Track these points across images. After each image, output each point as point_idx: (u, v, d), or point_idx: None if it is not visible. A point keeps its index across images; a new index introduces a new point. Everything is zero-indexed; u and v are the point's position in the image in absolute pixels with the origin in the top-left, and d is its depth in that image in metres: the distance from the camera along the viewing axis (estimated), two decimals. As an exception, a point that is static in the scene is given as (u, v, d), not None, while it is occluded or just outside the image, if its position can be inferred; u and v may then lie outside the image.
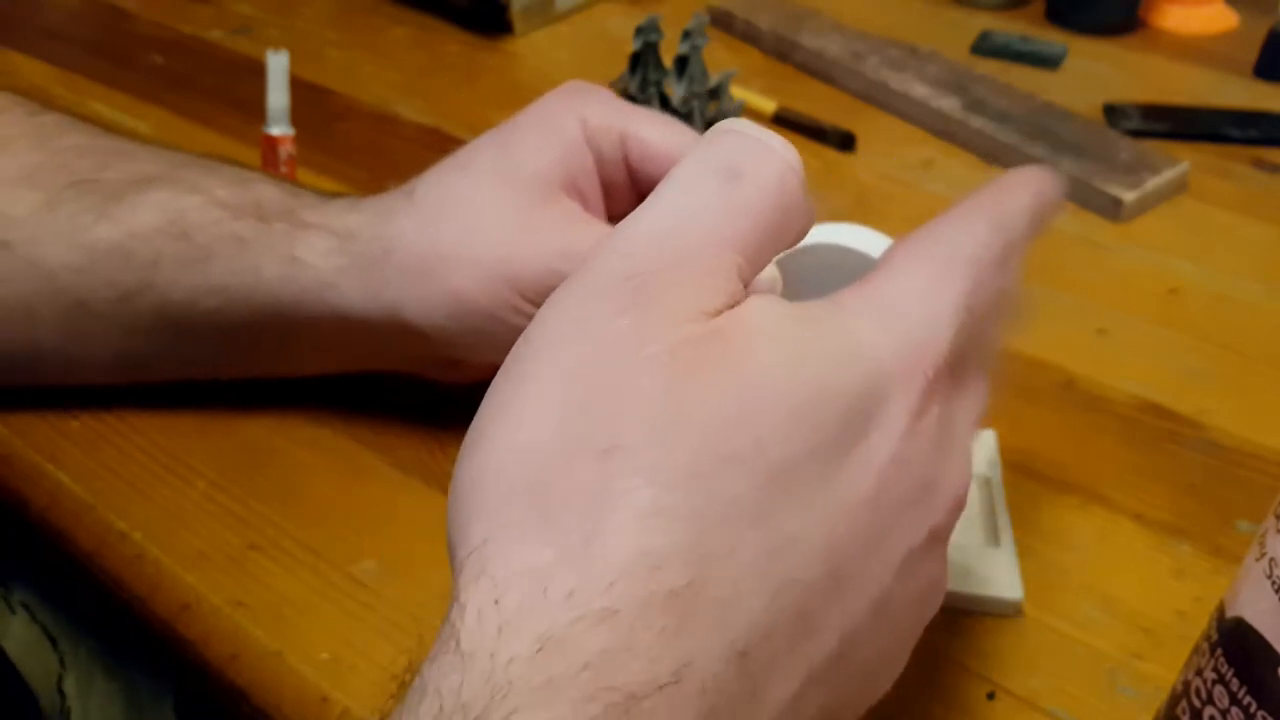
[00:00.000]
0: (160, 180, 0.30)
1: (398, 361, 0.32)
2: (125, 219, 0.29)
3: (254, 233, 0.29)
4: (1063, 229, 0.44)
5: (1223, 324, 0.38)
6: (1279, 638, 0.18)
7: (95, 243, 0.29)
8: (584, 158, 0.29)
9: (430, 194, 0.29)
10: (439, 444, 0.33)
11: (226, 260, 0.29)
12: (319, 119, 0.50)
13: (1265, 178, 0.48)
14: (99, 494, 0.31)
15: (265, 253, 0.29)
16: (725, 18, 0.59)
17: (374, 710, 0.25)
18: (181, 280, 0.29)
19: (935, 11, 0.62)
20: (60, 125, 0.32)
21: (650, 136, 0.29)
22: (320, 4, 0.62)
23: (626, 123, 0.29)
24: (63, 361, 0.31)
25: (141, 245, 0.29)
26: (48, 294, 0.29)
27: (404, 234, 0.28)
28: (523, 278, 0.27)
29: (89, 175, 0.30)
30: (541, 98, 0.30)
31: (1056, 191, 0.22)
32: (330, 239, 0.29)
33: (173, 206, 0.29)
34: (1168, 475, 0.32)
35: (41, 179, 0.30)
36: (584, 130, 0.29)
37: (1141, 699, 0.26)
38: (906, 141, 0.50)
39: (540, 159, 0.28)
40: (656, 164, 0.29)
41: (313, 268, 0.28)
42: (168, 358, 0.31)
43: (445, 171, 0.29)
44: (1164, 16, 0.61)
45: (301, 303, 0.29)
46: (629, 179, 0.30)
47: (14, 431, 0.33)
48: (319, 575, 0.28)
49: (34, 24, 0.58)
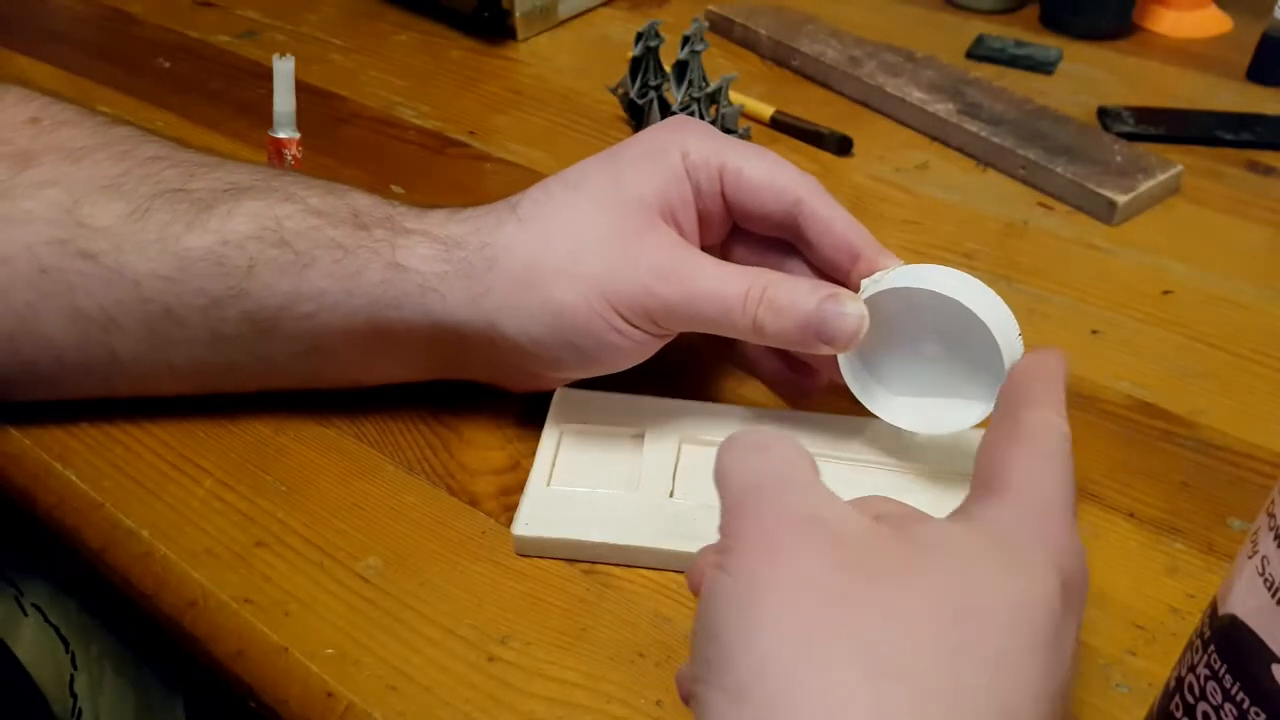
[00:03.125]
0: (253, 190, 0.30)
1: (482, 371, 0.32)
2: (218, 227, 0.29)
3: (354, 239, 0.29)
4: (1057, 231, 0.44)
5: (1216, 325, 0.39)
6: (1271, 634, 0.19)
7: (186, 250, 0.29)
8: (684, 187, 0.30)
9: (539, 209, 0.29)
10: (443, 443, 0.33)
11: (327, 265, 0.29)
12: (324, 123, 0.50)
13: (1258, 180, 0.48)
14: (107, 492, 0.31)
15: (367, 258, 0.29)
16: (724, 23, 0.59)
17: (378, 705, 0.26)
18: (278, 286, 0.29)
19: (931, 17, 0.62)
20: (135, 136, 0.32)
21: (748, 171, 0.30)
22: (325, 9, 0.62)
23: (725, 156, 0.30)
24: (142, 370, 0.31)
25: (235, 252, 0.29)
26: (131, 303, 0.29)
27: (511, 244, 0.29)
28: (620, 296, 0.28)
29: (177, 185, 0.30)
30: (647, 129, 0.31)
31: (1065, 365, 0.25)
32: (433, 245, 0.29)
33: (268, 214, 0.29)
34: (1161, 474, 0.33)
35: (127, 189, 0.30)
36: (685, 162, 0.30)
37: (1135, 695, 0.26)
38: (903, 145, 0.50)
39: (645, 186, 0.29)
40: (752, 196, 0.30)
41: (416, 273, 0.29)
42: (249, 366, 0.31)
43: (553, 188, 0.30)
44: (1157, 20, 0.61)
45: (401, 307, 0.29)
46: (724, 209, 0.31)
47: (23, 431, 0.33)
48: (325, 572, 0.29)
49: (41, 28, 0.59)
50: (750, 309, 0.28)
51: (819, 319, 0.28)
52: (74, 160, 0.30)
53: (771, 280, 0.28)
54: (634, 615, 0.28)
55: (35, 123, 0.31)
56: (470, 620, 0.28)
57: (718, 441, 0.32)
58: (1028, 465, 0.22)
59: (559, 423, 0.32)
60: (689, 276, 0.28)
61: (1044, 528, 0.21)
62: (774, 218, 0.30)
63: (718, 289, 0.28)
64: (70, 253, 0.29)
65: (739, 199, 0.30)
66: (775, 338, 0.28)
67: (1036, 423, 0.23)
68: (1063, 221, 0.45)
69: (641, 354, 0.30)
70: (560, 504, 0.30)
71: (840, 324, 0.28)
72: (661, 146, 0.30)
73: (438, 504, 0.31)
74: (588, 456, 0.32)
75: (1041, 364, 0.25)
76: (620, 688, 0.26)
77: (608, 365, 0.30)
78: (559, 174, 0.30)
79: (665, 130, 0.31)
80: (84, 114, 0.32)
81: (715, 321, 0.28)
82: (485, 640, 0.27)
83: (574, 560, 0.29)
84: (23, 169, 0.30)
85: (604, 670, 0.26)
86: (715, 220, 0.31)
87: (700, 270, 0.28)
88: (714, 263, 0.29)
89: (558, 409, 0.33)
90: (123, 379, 0.31)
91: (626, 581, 0.29)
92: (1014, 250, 0.43)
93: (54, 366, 0.30)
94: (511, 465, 0.32)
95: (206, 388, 0.32)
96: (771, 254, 0.32)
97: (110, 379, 0.31)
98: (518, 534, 0.29)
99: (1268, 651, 0.19)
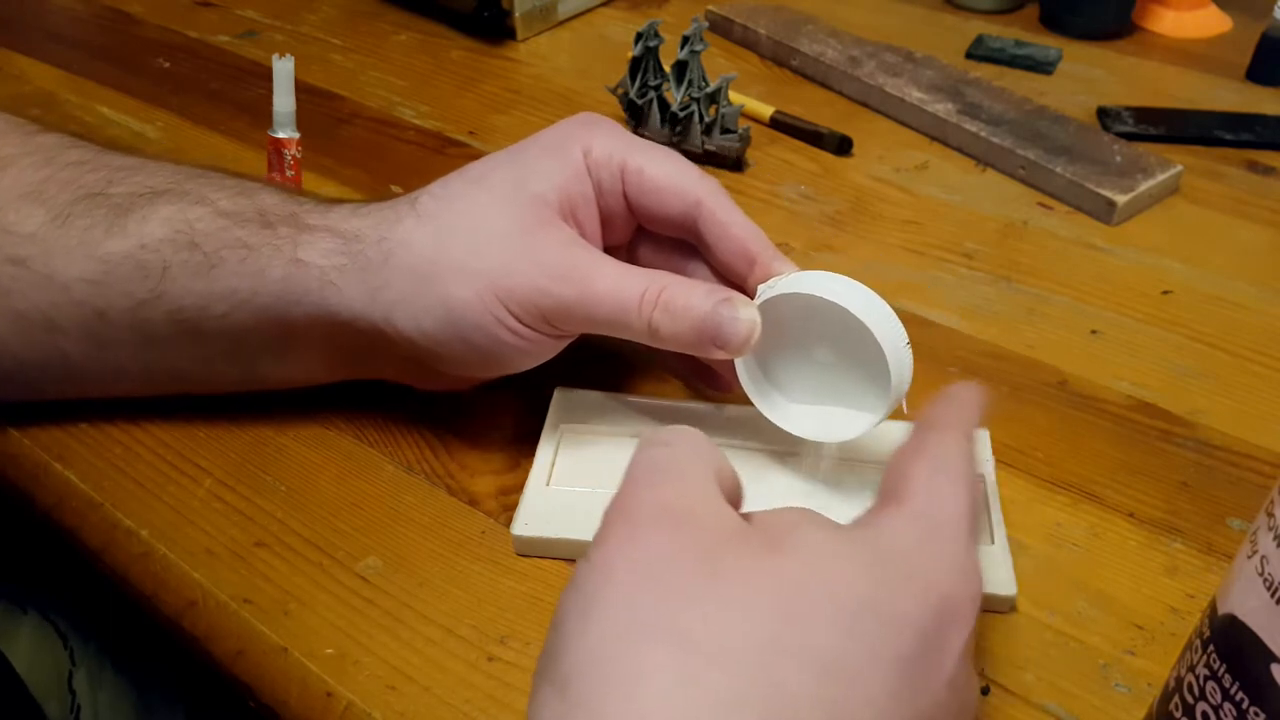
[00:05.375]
0: (167, 193, 0.30)
1: (385, 368, 0.32)
2: (135, 231, 0.29)
3: (258, 238, 0.29)
4: (1056, 231, 0.44)
5: (1215, 324, 0.39)
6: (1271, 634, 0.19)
7: (108, 255, 0.29)
8: (585, 185, 0.30)
9: (437, 204, 0.29)
10: (442, 443, 0.33)
11: (233, 265, 0.29)
12: (324, 123, 0.50)
13: (1257, 180, 0.48)
14: (106, 492, 0.31)
15: (270, 256, 0.29)
16: (724, 23, 0.59)
17: (377, 705, 0.26)
18: (192, 287, 0.29)
19: (931, 17, 0.62)
20: (60, 143, 0.32)
21: (650, 170, 0.30)
22: (325, 9, 0.62)
23: (627, 155, 0.30)
24: (97, 371, 0.31)
25: (151, 256, 0.29)
26: (66, 306, 0.30)
27: (407, 239, 0.29)
28: (514, 294, 0.28)
29: (96, 190, 0.30)
30: (555, 124, 0.31)
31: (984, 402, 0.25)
32: (333, 240, 0.29)
33: (180, 218, 0.30)
34: (1160, 474, 0.33)
35: (48, 195, 0.30)
36: (587, 159, 0.30)
37: (1135, 695, 0.26)
38: (902, 145, 0.50)
39: (545, 183, 0.29)
40: (653, 196, 0.30)
41: (315, 267, 0.29)
42: (188, 367, 0.32)
43: (453, 183, 0.30)
44: (1157, 21, 0.61)
45: (302, 303, 0.29)
46: (627, 210, 0.30)
47: (22, 431, 0.33)
48: (324, 572, 0.29)
49: (42, 29, 0.59)
50: (646, 311, 0.28)
51: (714, 323, 0.28)
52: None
53: (668, 283, 0.28)
54: (633, 615, 0.28)
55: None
56: (470, 620, 0.28)
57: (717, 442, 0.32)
58: (927, 480, 0.22)
59: (558, 423, 0.32)
60: (585, 276, 0.28)
61: (933, 542, 0.21)
62: (675, 219, 0.30)
63: (614, 290, 0.28)
64: (1, 259, 0.29)
65: (640, 199, 0.30)
66: (670, 340, 0.28)
67: (941, 441, 0.23)
68: (1062, 221, 0.45)
69: (540, 354, 0.29)
70: (560, 504, 0.30)
71: (733, 329, 0.28)
72: (564, 143, 0.30)
73: (437, 504, 0.31)
74: (588, 457, 0.32)
75: (959, 392, 0.25)
76: (620, 688, 0.26)
77: (506, 365, 0.29)
78: (461, 169, 0.30)
79: (570, 126, 0.30)
80: (12, 123, 0.33)
81: (611, 323, 0.28)
82: (485, 640, 0.27)
83: (574, 560, 0.29)
84: None
85: (603, 670, 0.26)
86: (619, 220, 0.31)
87: (597, 270, 0.28)
88: (612, 263, 0.28)
89: (557, 409, 0.33)
90: (80, 378, 0.32)
91: (626, 581, 0.29)
92: (1014, 250, 0.43)
93: (11, 365, 0.31)
94: (511, 465, 0.32)
95: (162, 388, 0.33)
96: (675, 256, 0.32)
97: (70, 379, 0.32)
98: (517, 534, 0.29)
99: (1267, 651, 0.19)
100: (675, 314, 0.28)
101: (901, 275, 0.41)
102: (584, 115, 0.31)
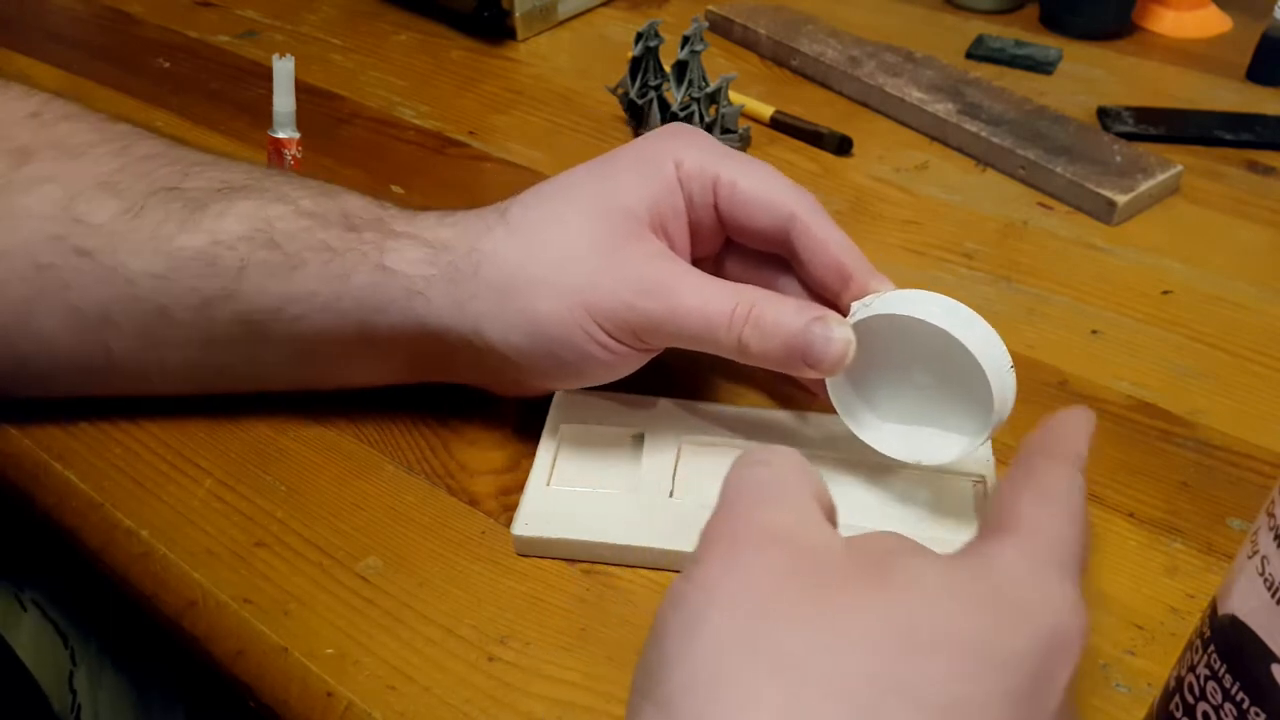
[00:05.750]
0: (246, 189, 0.30)
1: (466, 375, 0.32)
2: (210, 227, 0.29)
3: (343, 242, 0.29)
4: (1056, 231, 0.44)
5: (1215, 324, 0.39)
6: (1271, 634, 0.19)
7: (179, 250, 0.29)
8: (675, 198, 0.29)
9: (527, 215, 0.29)
10: (442, 443, 0.33)
11: (315, 268, 0.29)
12: (324, 123, 0.50)
13: (1257, 180, 0.48)
14: (106, 492, 0.31)
15: (356, 261, 0.29)
16: (724, 23, 0.59)
17: (377, 705, 0.26)
18: (268, 287, 0.29)
19: (931, 17, 0.62)
20: (133, 133, 0.32)
21: (743, 184, 0.29)
22: (325, 9, 0.62)
23: (720, 167, 0.29)
24: (136, 369, 0.31)
25: (227, 253, 0.29)
26: (126, 300, 0.29)
27: (497, 250, 0.28)
28: (601, 308, 0.27)
29: (172, 183, 0.30)
30: (641, 137, 0.31)
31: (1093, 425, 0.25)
32: (422, 249, 0.29)
33: (259, 215, 0.29)
34: (1160, 474, 0.33)
35: (122, 186, 0.29)
36: (679, 172, 0.29)
37: (1135, 695, 0.26)
38: (902, 145, 0.50)
39: (634, 195, 0.29)
40: (745, 210, 0.29)
41: (403, 276, 0.29)
42: (241, 367, 0.31)
43: (543, 194, 0.30)
44: (1157, 20, 0.61)
45: (387, 311, 0.29)
46: (717, 222, 0.30)
47: (22, 431, 0.33)
48: (324, 572, 0.29)
49: (41, 28, 0.59)
50: (736, 328, 0.27)
51: (805, 342, 0.27)
52: (72, 156, 0.30)
53: (759, 299, 0.27)
54: (634, 615, 0.28)
55: (35, 117, 0.31)
56: (470, 620, 0.28)
57: (717, 442, 0.32)
58: (1035, 510, 0.21)
59: (559, 423, 0.32)
60: (674, 291, 0.27)
61: (1042, 575, 0.20)
62: (767, 233, 0.30)
63: (703, 306, 0.27)
64: (67, 249, 0.29)
65: (732, 212, 0.29)
66: (760, 358, 0.28)
67: (1050, 470, 0.22)
68: (1062, 221, 0.45)
69: (625, 368, 0.29)
70: (560, 504, 0.30)
71: (826, 348, 0.27)
72: (655, 155, 0.29)
73: (437, 504, 0.31)
74: (588, 456, 0.32)
75: (1068, 418, 0.24)
76: (620, 688, 0.26)
77: (591, 377, 0.29)
78: (550, 180, 0.30)
79: (660, 138, 0.30)
80: (84, 111, 0.32)
81: (699, 339, 0.28)
82: (485, 640, 0.27)
83: (574, 560, 0.29)
84: (21, 164, 0.29)
85: (604, 670, 0.26)
86: (708, 232, 0.30)
87: (686, 285, 0.28)
88: (701, 277, 0.28)
89: (558, 409, 0.33)
90: (116, 377, 0.31)
91: (626, 581, 0.29)
92: (1014, 250, 0.43)
93: (48, 363, 0.30)
94: (511, 465, 0.32)
95: (199, 387, 0.32)
96: (766, 270, 0.31)
97: (104, 377, 0.31)
98: (517, 534, 0.29)
99: (1268, 651, 0.19)
100: (765, 331, 0.27)
101: (901, 275, 0.41)
102: (675, 126, 0.31)
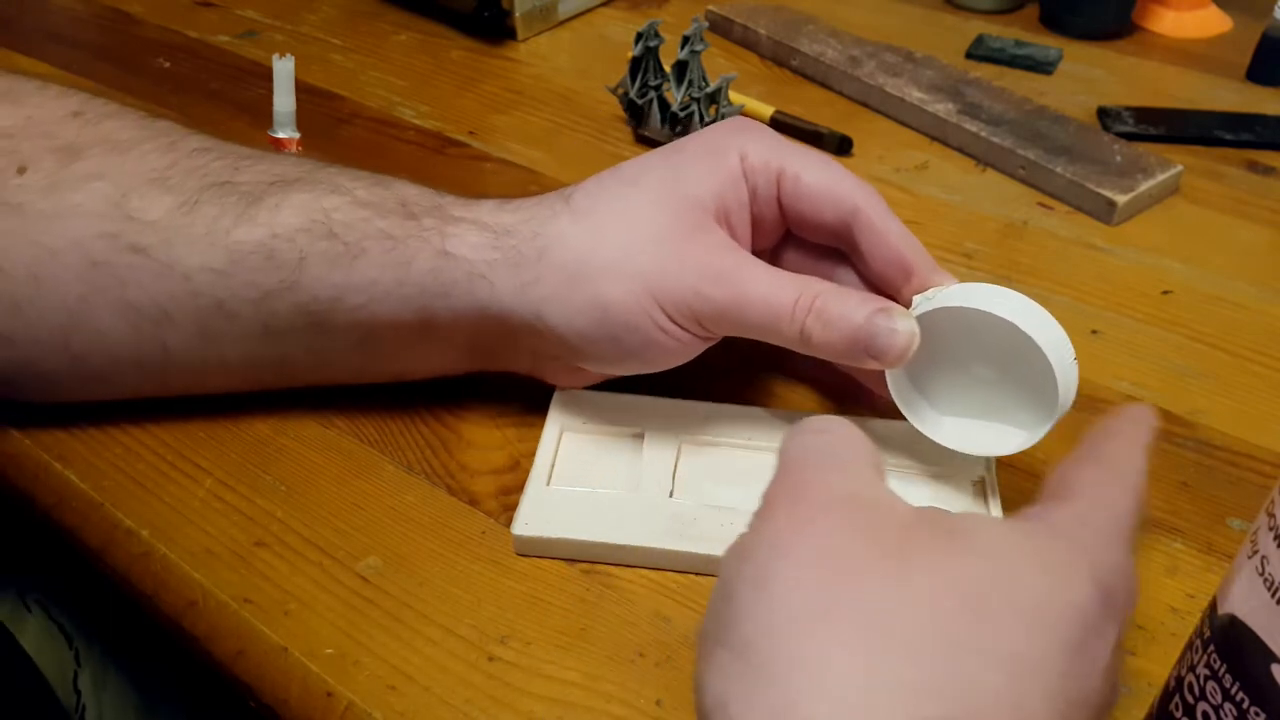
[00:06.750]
0: (300, 182, 0.30)
1: (523, 362, 0.32)
2: (267, 220, 0.29)
3: (403, 229, 0.29)
4: (1056, 231, 0.44)
5: (1215, 325, 0.39)
6: (1271, 634, 0.19)
7: (236, 244, 0.29)
8: (740, 190, 0.29)
9: (592, 201, 0.29)
10: (443, 443, 0.33)
11: (377, 256, 0.29)
12: (324, 123, 0.50)
13: (1257, 180, 0.48)
14: (106, 492, 0.31)
15: (417, 247, 0.29)
16: (724, 23, 0.59)
17: (377, 705, 0.26)
18: (329, 277, 0.29)
19: (931, 17, 0.62)
20: (179, 129, 0.32)
21: (806, 177, 0.29)
22: (325, 9, 0.62)
23: (784, 160, 0.29)
24: (194, 365, 0.31)
25: (285, 245, 0.29)
26: (183, 297, 0.29)
27: (563, 236, 0.28)
28: (668, 295, 0.28)
29: (224, 178, 0.30)
30: (708, 128, 0.31)
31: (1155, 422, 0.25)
32: (483, 233, 0.29)
33: (316, 206, 0.29)
34: (1161, 474, 0.32)
35: (174, 182, 0.29)
36: (744, 164, 0.29)
37: (1135, 695, 0.26)
38: (902, 145, 0.50)
39: (700, 186, 0.29)
40: (809, 203, 0.30)
41: (465, 260, 0.29)
42: (301, 359, 0.31)
43: (608, 182, 0.30)
44: (1157, 21, 0.61)
45: (450, 296, 0.29)
46: (779, 215, 0.30)
47: (23, 431, 0.33)
48: (324, 572, 0.29)
49: (41, 28, 0.59)
50: (799, 318, 0.28)
51: (869, 333, 0.27)
52: (121, 153, 0.30)
53: (822, 290, 0.28)
54: (634, 615, 0.28)
55: (78, 116, 0.31)
56: (470, 620, 0.28)
57: (717, 442, 0.32)
58: (1096, 481, 0.22)
59: (559, 423, 0.32)
60: (739, 281, 0.28)
61: (1098, 539, 0.21)
62: (829, 226, 0.30)
63: (767, 295, 0.28)
64: (121, 247, 0.29)
65: (795, 205, 0.30)
66: (822, 349, 0.28)
67: (1112, 448, 0.23)
68: (1062, 221, 0.45)
69: (685, 354, 0.29)
70: (560, 504, 0.30)
71: (890, 340, 0.27)
72: (721, 147, 0.29)
73: (437, 504, 0.31)
74: (588, 456, 0.32)
75: (1132, 410, 0.25)
76: (620, 688, 0.26)
77: (650, 364, 0.29)
78: (614, 168, 0.30)
79: (726, 130, 0.30)
80: (124, 108, 0.32)
81: (762, 328, 0.28)
82: (485, 640, 0.27)
83: (574, 560, 0.29)
84: (70, 162, 0.29)
85: (604, 670, 0.26)
86: (769, 225, 0.31)
87: (751, 275, 0.28)
88: (765, 268, 0.28)
89: (558, 409, 0.33)
90: (175, 374, 0.31)
91: (626, 581, 0.29)
92: (1013, 250, 0.43)
93: (105, 362, 0.30)
94: (511, 465, 0.32)
95: (258, 382, 0.32)
96: (824, 262, 0.31)
97: (162, 375, 0.31)
98: (517, 534, 0.29)
99: (1268, 651, 0.19)
100: (829, 322, 0.27)
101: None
102: (739, 119, 0.31)
